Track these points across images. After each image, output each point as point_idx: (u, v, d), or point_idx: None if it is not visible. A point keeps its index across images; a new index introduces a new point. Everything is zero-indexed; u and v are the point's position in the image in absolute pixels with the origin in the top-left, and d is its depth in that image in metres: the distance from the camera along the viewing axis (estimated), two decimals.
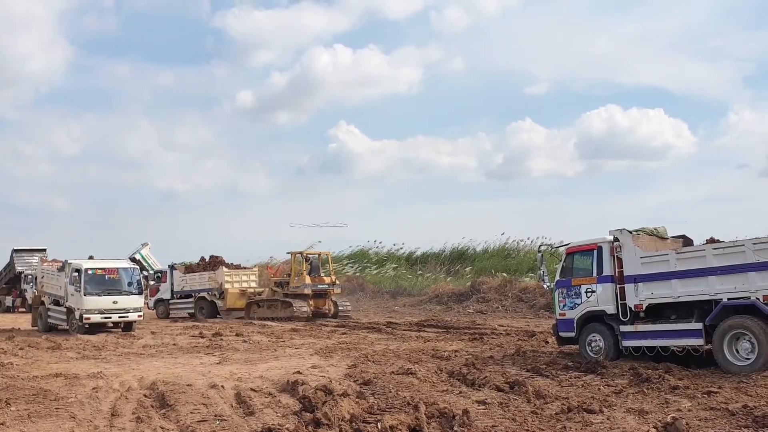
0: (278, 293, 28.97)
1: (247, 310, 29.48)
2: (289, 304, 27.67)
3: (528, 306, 29.14)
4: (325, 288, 28.64)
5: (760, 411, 8.13)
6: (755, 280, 11.55)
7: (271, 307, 28.69)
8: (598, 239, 14.23)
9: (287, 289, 28.63)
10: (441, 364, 13.75)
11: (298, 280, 28.37)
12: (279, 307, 28.26)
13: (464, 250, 43.92)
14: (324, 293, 28.72)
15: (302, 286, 28.04)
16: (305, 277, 28.16)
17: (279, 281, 29.75)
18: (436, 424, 8.23)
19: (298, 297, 27.90)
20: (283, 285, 29.06)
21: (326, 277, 29.02)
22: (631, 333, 13.36)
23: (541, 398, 9.65)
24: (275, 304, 28.59)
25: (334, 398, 9.54)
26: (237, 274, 31.61)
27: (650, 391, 10.05)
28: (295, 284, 28.34)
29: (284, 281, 29.30)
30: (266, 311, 28.67)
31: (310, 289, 28.09)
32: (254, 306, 29.38)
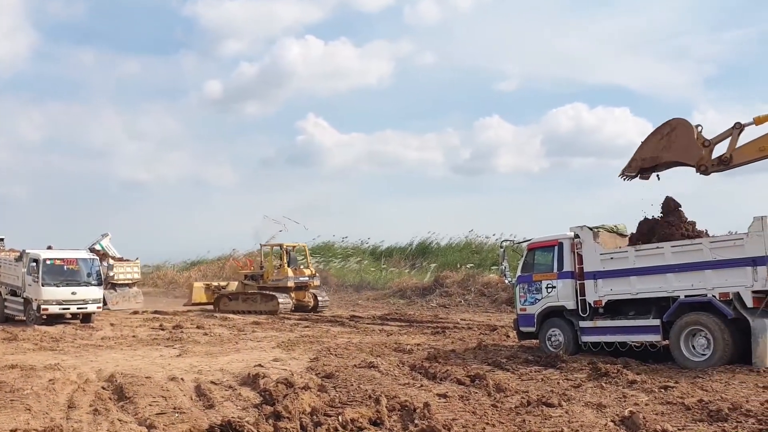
0: (251, 286, 28.39)
1: (216, 303, 28.98)
2: (271, 297, 27.01)
3: (490, 300, 29.36)
4: (306, 280, 28.00)
5: (715, 405, 8.30)
6: (712, 278, 11.79)
7: (247, 300, 28.08)
8: (558, 235, 14.40)
9: (264, 282, 27.96)
10: (403, 357, 13.81)
11: (278, 272, 27.67)
12: (259, 300, 27.61)
13: (429, 245, 44.07)
14: (305, 286, 28.03)
15: (284, 278, 27.33)
16: (286, 270, 27.50)
17: (251, 274, 29.09)
18: (397, 417, 8.24)
19: (278, 290, 27.25)
20: (257, 278, 28.46)
21: (306, 269, 28.50)
22: (590, 328, 13.55)
23: (501, 392, 9.74)
24: (253, 297, 27.94)
25: (295, 391, 9.51)
26: (122, 266, 31.16)
27: (608, 386, 10.20)
28: (275, 277, 27.65)
29: (257, 274, 28.70)
30: (241, 305, 28.03)
31: (292, 281, 27.41)
32: (224, 299, 28.89)
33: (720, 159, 12.70)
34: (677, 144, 13.03)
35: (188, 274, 47.46)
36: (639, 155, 13.62)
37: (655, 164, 13.50)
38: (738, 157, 12.60)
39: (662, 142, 13.27)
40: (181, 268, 52.10)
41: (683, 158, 13.09)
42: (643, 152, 13.56)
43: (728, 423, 7.62)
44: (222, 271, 45.10)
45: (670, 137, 13.13)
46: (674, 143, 13.06)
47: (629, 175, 13.83)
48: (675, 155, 13.17)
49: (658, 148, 13.34)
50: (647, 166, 13.60)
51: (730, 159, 12.63)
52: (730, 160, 12.63)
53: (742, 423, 7.57)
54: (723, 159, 12.67)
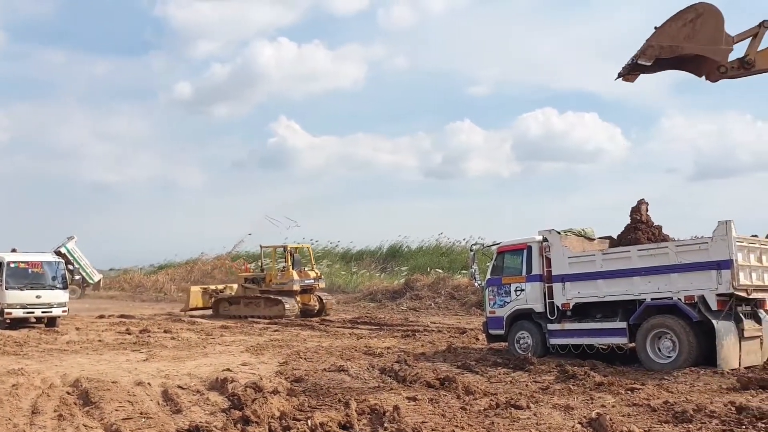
0: (252, 290, 27.23)
1: (215, 307, 27.88)
2: (276, 301, 25.74)
3: (460, 303, 29.47)
4: (312, 283, 26.66)
5: (680, 407, 8.43)
6: (677, 282, 11.98)
7: (249, 305, 26.91)
8: (527, 239, 14.52)
9: (267, 286, 26.60)
10: (373, 360, 13.79)
11: (282, 275, 26.42)
12: (263, 305, 26.36)
13: (399, 248, 44.17)
14: (310, 289, 26.72)
15: (289, 281, 25.93)
16: (291, 272, 26.14)
17: (252, 277, 27.95)
18: (367, 421, 8.24)
19: (284, 294, 25.98)
20: (259, 281, 27.19)
21: (311, 272, 27.13)
22: (558, 331, 13.68)
23: (471, 394, 9.79)
24: (256, 301, 26.74)
25: (264, 396, 9.46)
26: None
27: (576, 388, 10.31)
28: (279, 280, 26.29)
29: (259, 277, 27.54)
30: (243, 309, 26.84)
31: (298, 284, 26.00)
32: (224, 304, 27.69)
33: (741, 61, 10.98)
34: (702, 33, 10.92)
35: (155, 277, 47.03)
36: (657, 41, 11.13)
37: (672, 55, 11.19)
38: (762, 61, 11.02)
39: (684, 29, 11.02)
40: (148, 272, 51.57)
41: (708, 52, 11.02)
42: (661, 38, 11.14)
43: (693, 424, 7.74)
44: (190, 274, 44.75)
45: (695, 25, 10.93)
46: (699, 32, 10.92)
47: (641, 65, 11.33)
48: (698, 47, 11.02)
49: (680, 36, 11.04)
50: (665, 56, 11.23)
51: (753, 63, 10.99)
52: (753, 63, 11.00)
53: (707, 424, 7.70)
54: (746, 61, 10.94)
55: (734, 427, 7.42)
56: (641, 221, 14.09)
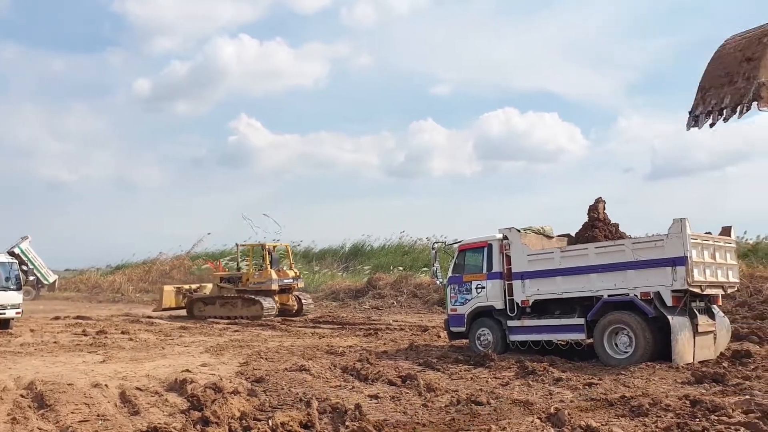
0: (228, 290, 26.65)
1: (189, 308, 27.08)
2: (254, 301, 25.22)
3: (422, 302, 29.61)
4: (290, 282, 26.26)
5: (637, 401, 8.58)
6: (634, 278, 12.20)
7: (225, 305, 26.26)
8: (488, 237, 14.66)
9: (244, 285, 26.10)
10: (335, 359, 13.77)
11: (260, 274, 25.90)
12: (239, 305, 25.80)
13: (362, 247, 44.18)
14: (288, 288, 26.33)
15: (267, 281, 25.50)
16: (269, 271, 25.69)
17: (228, 277, 27.49)
18: (328, 420, 8.22)
19: (261, 293, 25.48)
20: (235, 281, 26.70)
21: (289, 271, 26.73)
22: (517, 328, 13.84)
23: (432, 391, 9.83)
24: (232, 301, 26.16)
25: (224, 396, 9.38)
26: None
27: (535, 383, 10.44)
28: (257, 279, 25.82)
29: (235, 276, 27.00)
30: (219, 310, 26.18)
31: (277, 284, 25.56)
32: (199, 304, 26.98)
33: None
34: None
35: (113, 278, 46.30)
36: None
37: None
38: None
39: None
40: (105, 272, 50.74)
41: None
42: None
43: (649, 418, 7.88)
44: (148, 274, 44.16)
45: None
46: None
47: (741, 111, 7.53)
48: None
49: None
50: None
51: None
52: None
53: (662, 417, 7.85)
54: None
55: (688, 420, 7.56)
56: (598, 219, 14.32)
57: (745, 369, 11.08)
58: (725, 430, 7.03)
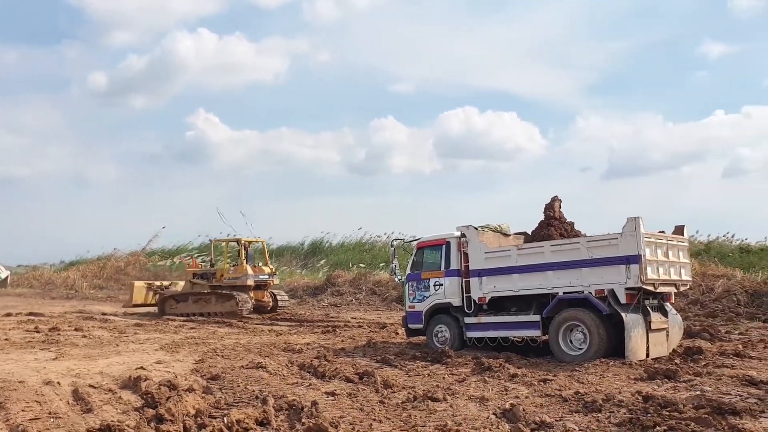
0: (202, 286, 25.85)
1: (160, 305, 26.23)
2: (229, 296, 24.46)
3: (381, 299, 29.65)
4: (266, 279, 25.63)
5: (590, 397, 8.71)
6: (588, 276, 12.38)
7: (198, 301, 25.50)
8: (446, 234, 14.73)
9: (218, 281, 25.31)
10: (292, 357, 13.71)
11: (235, 270, 25.26)
12: (213, 301, 25.06)
13: (321, 244, 44.04)
14: (264, 284, 25.65)
15: (243, 276, 24.81)
16: (245, 267, 25.04)
17: (201, 273, 26.68)
18: (284, 417, 8.17)
19: (236, 289, 24.74)
20: (209, 277, 25.87)
21: (265, 267, 26.23)
22: (474, 324, 13.94)
23: (389, 388, 9.84)
24: (206, 298, 25.37)
25: (178, 393, 9.25)
26: None
27: (491, 380, 10.52)
28: (232, 275, 25.11)
29: (208, 272, 26.13)
30: (192, 306, 25.39)
31: (252, 279, 24.89)
32: (170, 301, 26.16)
33: None
34: None
35: (66, 274, 45.35)
36: None
37: None
38: None
39: None
40: (59, 269, 49.70)
41: None
42: None
43: (602, 413, 8.00)
44: (103, 271, 43.39)
45: None
46: None
47: None
48: None
49: None
50: None
51: None
52: None
53: (615, 413, 7.97)
54: None
55: (641, 416, 7.70)
56: (554, 218, 14.49)
57: (696, 365, 11.32)
58: (676, 425, 7.15)
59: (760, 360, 11.95)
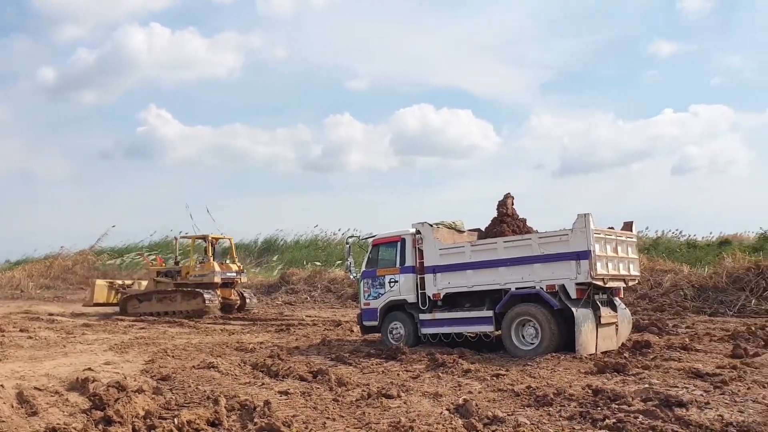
0: (166, 284, 25.22)
1: (122, 305, 25.50)
2: (195, 294, 23.75)
3: (336, 297, 29.59)
4: (234, 276, 25.12)
5: (542, 391, 8.80)
6: (540, 271, 12.52)
7: (163, 300, 24.76)
8: (401, 231, 14.74)
9: (184, 279, 24.69)
10: (245, 356, 13.56)
11: (202, 267, 24.55)
12: (179, 299, 24.31)
13: (275, 242, 43.72)
14: (231, 282, 25.16)
15: (210, 273, 24.17)
16: (212, 264, 24.39)
17: (165, 271, 26.04)
18: (236, 417, 8.08)
19: (202, 287, 24.12)
20: (174, 275, 25.31)
21: (232, 265, 25.60)
22: (429, 321, 13.99)
23: (343, 386, 9.80)
24: (171, 296, 24.63)
25: (127, 395, 9.06)
26: None
27: (445, 375, 10.57)
28: (198, 272, 24.45)
29: (173, 270, 25.58)
30: (156, 305, 24.71)
31: (219, 277, 24.33)
32: (133, 301, 25.40)
33: None
34: None
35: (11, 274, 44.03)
36: None
37: None
38: None
39: None
40: (4, 268, 48.29)
41: None
42: None
43: (553, 407, 8.09)
44: (50, 270, 42.30)
45: None
46: None
47: None
48: None
49: None
50: None
51: None
52: None
53: (566, 407, 8.07)
54: None
55: (590, 409, 7.81)
56: (507, 214, 14.63)
57: (644, 359, 11.53)
58: (625, 417, 7.26)
59: (706, 353, 12.24)
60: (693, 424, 6.86)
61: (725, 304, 20.14)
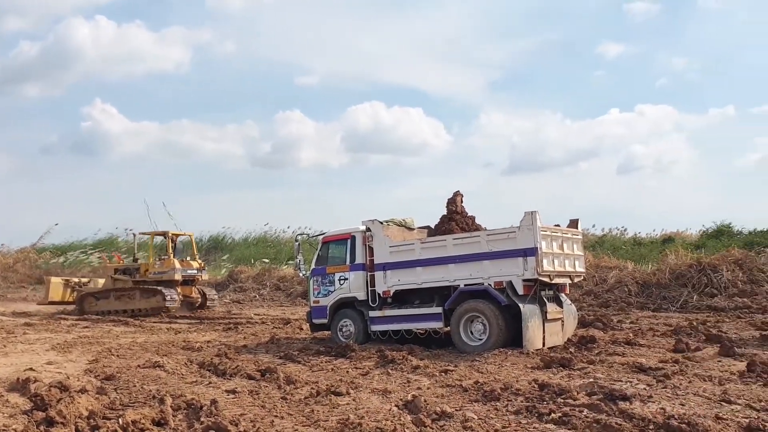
0: (124, 282, 24.64)
1: (79, 303, 24.80)
2: (155, 292, 23.34)
3: (285, 294, 29.45)
4: (194, 273, 24.64)
5: (489, 386, 8.90)
6: (488, 268, 12.67)
7: (121, 298, 24.22)
8: (351, 229, 14.74)
9: (143, 276, 24.24)
10: (192, 355, 13.37)
11: (162, 264, 24.11)
12: (138, 297, 23.84)
13: (222, 239, 43.22)
14: (192, 280, 24.65)
15: (170, 270, 23.71)
16: (173, 261, 23.94)
17: (124, 268, 25.41)
18: (183, 416, 7.95)
19: (162, 284, 23.69)
20: (132, 272, 24.76)
21: (193, 262, 24.98)
22: (379, 318, 14.02)
23: (292, 384, 9.74)
24: (129, 294, 24.16)
25: (70, 395, 8.82)
26: None
27: (394, 372, 10.60)
28: (158, 269, 23.99)
29: (132, 268, 25.02)
30: (114, 303, 24.11)
31: (180, 274, 23.87)
32: (90, 299, 24.71)
33: None
34: None
35: None
36: None
37: None
38: None
39: None
40: None
41: None
42: None
43: (500, 402, 8.18)
44: None
45: None
46: None
47: None
48: None
49: None
50: None
51: None
52: None
53: (512, 401, 8.17)
54: None
55: (536, 403, 7.92)
56: (456, 212, 14.76)
57: (590, 354, 11.76)
58: (570, 411, 7.38)
59: (649, 347, 12.55)
60: (636, 417, 7.01)
61: (668, 300, 20.71)
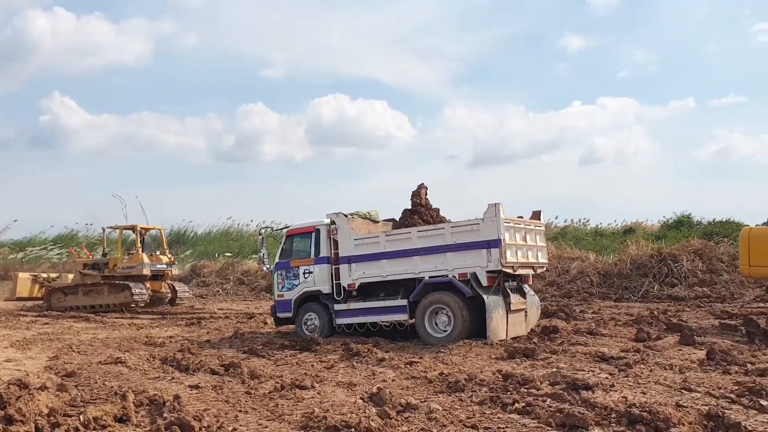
0: (92, 277, 24.28)
1: (47, 299, 24.59)
2: (123, 287, 23.07)
3: (249, 289, 29.27)
4: (164, 268, 24.41)
5: (454, 377, 8.95)
6: (452, 260, 12.73)
7: (90, 293, 23.92)
8: (316, 222, 14.68)
9: (111, 271, 23.85)
10: (154, 351, 13.20)
11: (130, 259, 23.76)
12: (106, 292, 23.57)
13: (185, 233, 42.74)
14: (162, 275, 24.44)
15: (139, 265, 23.47)
16: (141, 255, 23.66)
17: (92, 263, 24.99)
18: (145, 412, 7.86)
19: (131, 279, 23.41)
20: (101, 267, 24.40)
21: (163, 256, 24.78)
22: (344, 311, 14.01)
23: (256, 378, 9.68)
24: (97, 289, 23.84)
25: (30, 392, 8.63)
26: None
27: (359, 365, 10.60)
28: (126, 264, 23.64)
29: (100, 262, 24.66)
30: (83, 299, 23.84)
31: (149, 269, 23.62)
32: (58, 294, 24.44)
33: None
34: None
35: None
36: None
37: None
38: None
39: None
40: None
41: None
42: None
43: (465, 393, 8.23)
44: None
45: None
46: None
47: None
48: None
49: None
50: None
51: None
52: None
53: (477, 392, 8.23)
54: None
55: (500, 394, 7.98)
56: (421, 204, 14.79)
57: (553, 344, 11.89)
58: (534, 401, 7.46)
59: (611, 337, 12.74)
60: (599, 406, 7.10)
61: (629, 289, 21.07)
